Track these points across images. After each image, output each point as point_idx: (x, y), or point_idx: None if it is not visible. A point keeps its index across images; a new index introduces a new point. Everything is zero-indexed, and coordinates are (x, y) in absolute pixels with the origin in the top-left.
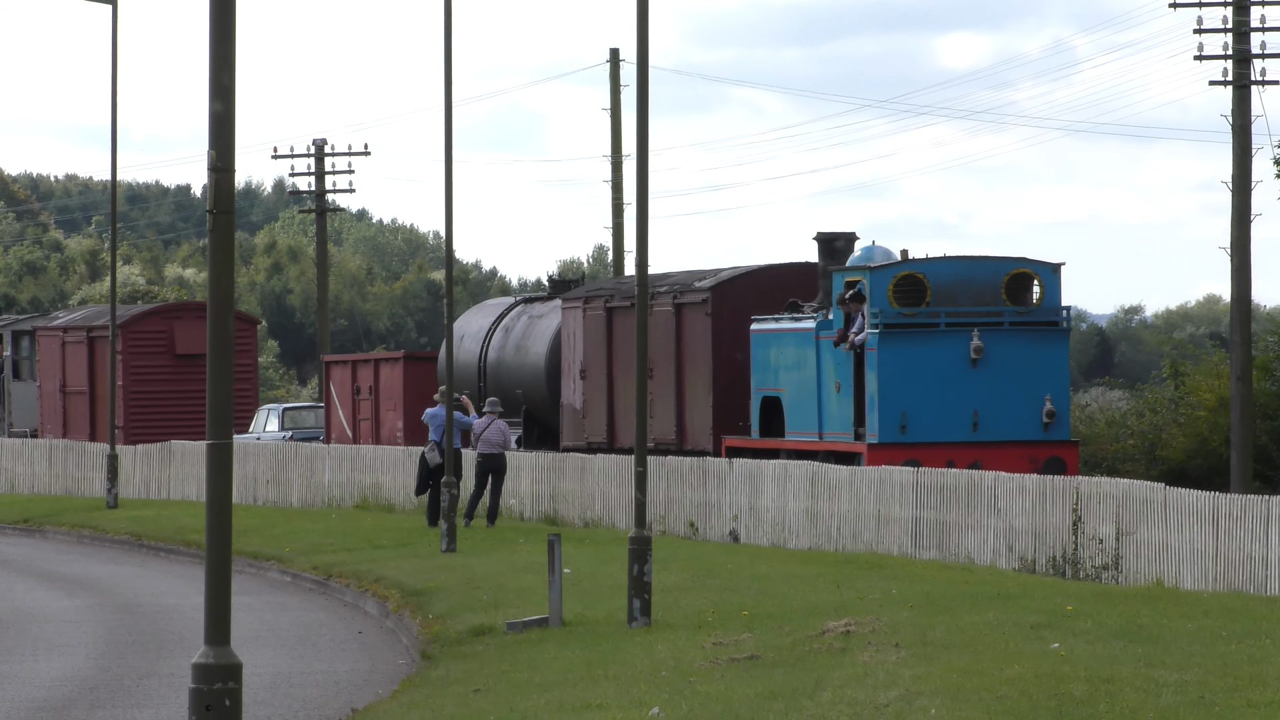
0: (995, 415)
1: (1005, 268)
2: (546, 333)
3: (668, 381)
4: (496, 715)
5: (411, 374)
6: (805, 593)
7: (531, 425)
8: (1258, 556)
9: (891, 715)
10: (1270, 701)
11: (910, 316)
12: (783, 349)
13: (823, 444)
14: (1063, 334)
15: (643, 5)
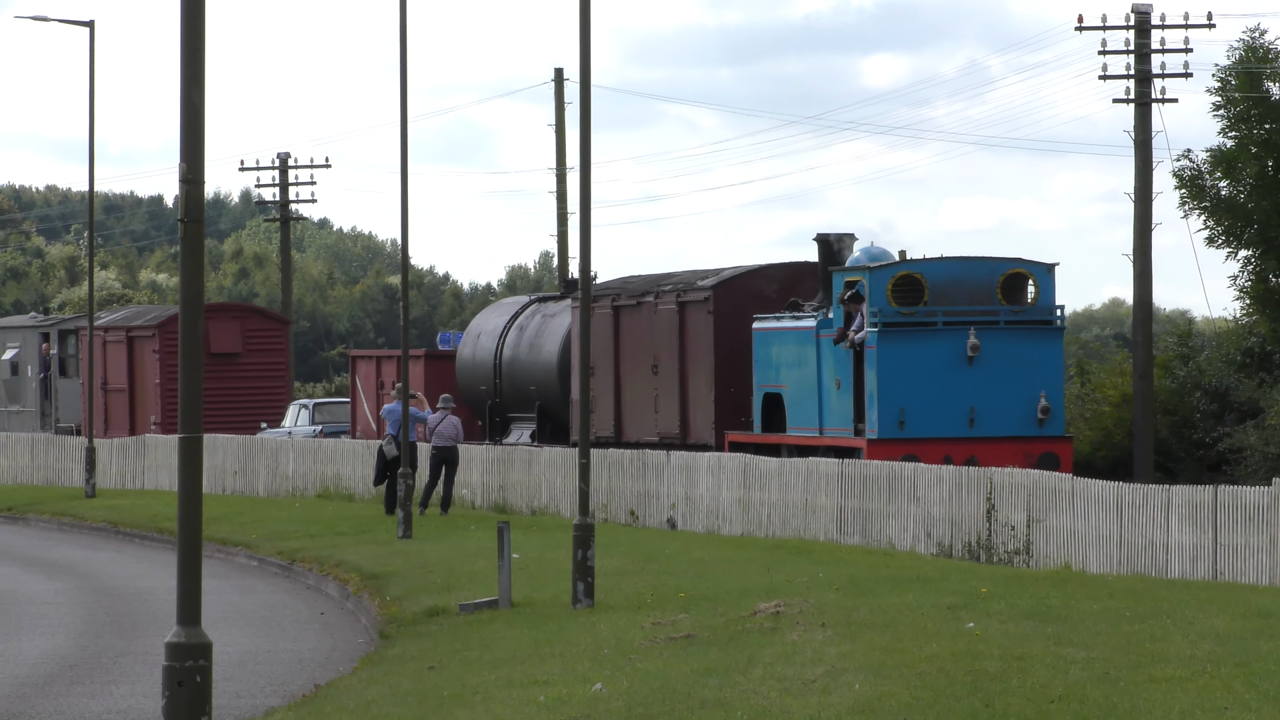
0: (991, 412)
1: (1001, 268)
2: (558, 331)
3: (672, 378)
4: (450, 691)
5: (432, 370)
6: (738, 576)
7: (545, 420)
8: (1159, 542)
9: (818, 690)
10: (1171, 677)
11: (908, 315)
12: (784, 347)
13: (823, 439)
14: (1057, 332)
15: (585, 28)
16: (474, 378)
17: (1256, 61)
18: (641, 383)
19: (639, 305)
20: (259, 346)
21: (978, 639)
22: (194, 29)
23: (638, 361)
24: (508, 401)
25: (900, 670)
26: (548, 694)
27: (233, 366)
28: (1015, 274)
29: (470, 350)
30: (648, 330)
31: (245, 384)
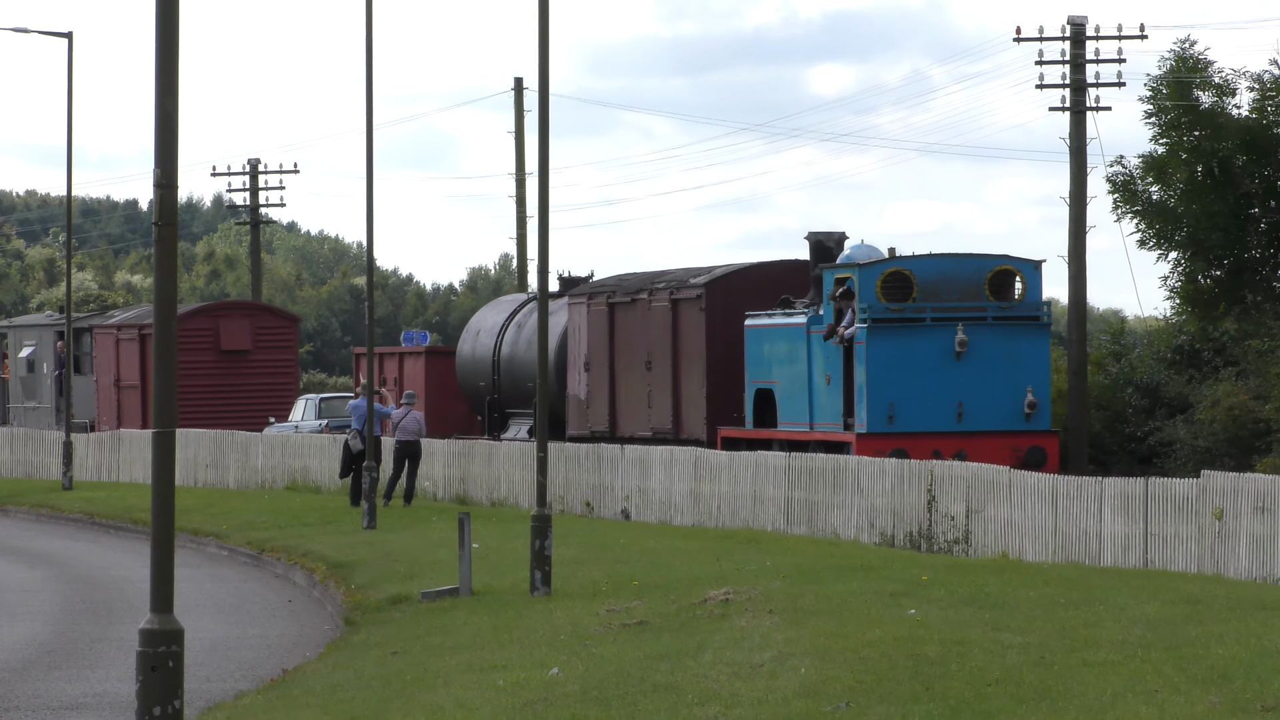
0: (979, 406)
1: (988, 265)
2: (555, 328)
3: (665, 374)
4: (412, 675)
5: (432, 367)
6: (689, 565)
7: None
8: (1092, 531)
9: (766, 674)
10: (1103, 661)
11: (897, 311)
12: (775, 343)
13: (813, 434)
14: (1043, 328)
15: (544, 39)
16: (473, 374)
17: (1187, 71)
18: (636, 379)
19: (633, 302)
20: (269, 343)
21: (919, 625)
22: (168, 40)
23: (632, 358)
24: (506, 397)
25: (844, 655)
26: (506, 678)
27: (243, 363)
28: (1002, 271)
29: (470, 347)
30: (642, 327)
31: (255, 380)
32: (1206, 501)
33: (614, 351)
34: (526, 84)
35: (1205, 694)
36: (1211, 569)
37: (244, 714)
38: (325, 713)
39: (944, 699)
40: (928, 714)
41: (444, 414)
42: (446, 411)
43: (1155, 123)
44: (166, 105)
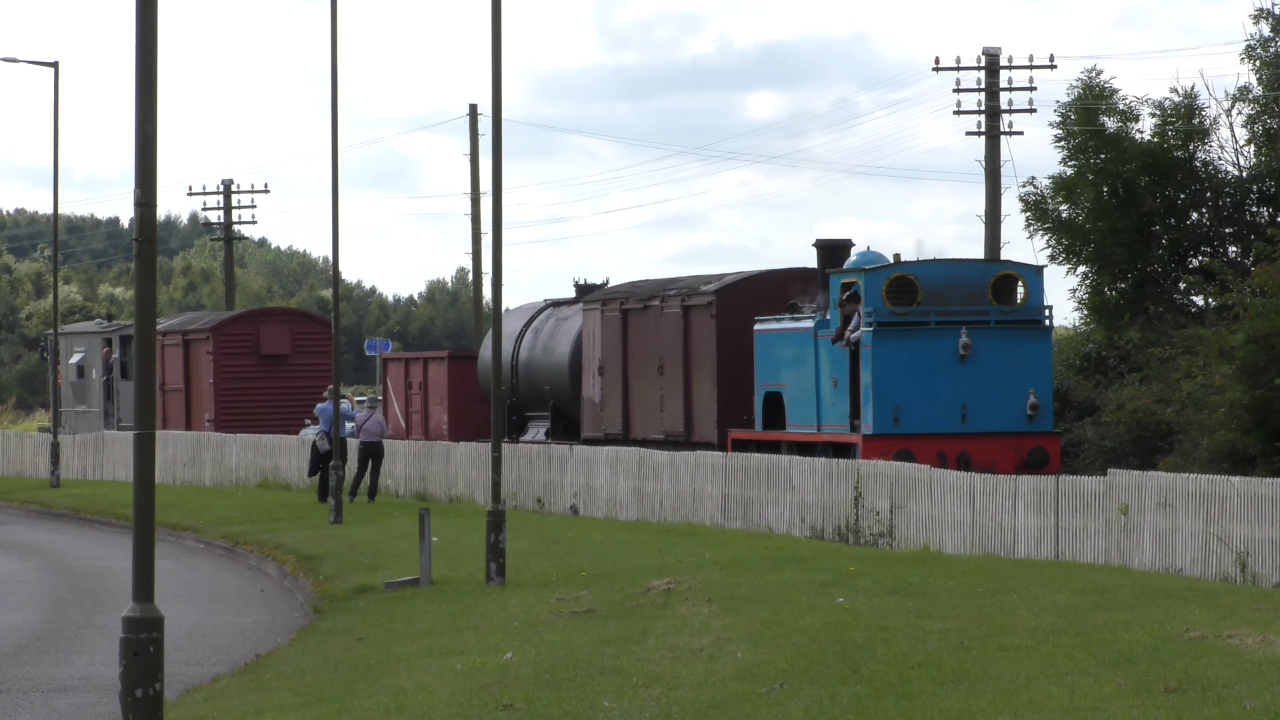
0: (982, 408)
1: (991, 270)
2: (570, 333)
3: (677, 378)
4: (376, 660)
5: (455, 371)
6: (633, 557)
7: (558, 418)
8: (1007, 526)
9: (705, 658)
10: (1018, 646)
11: (902, 315)
12: (784, 347)
13: (821, 436)
14: (1045, 331)
15: (497, 68)
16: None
17: (1093, 98)
18: (648, 383)
19: (646, 309)
20: (306, 348)
21: (846, 612)
22: (147, 70)
23: (645, 362)
24: (524, 400)
25: (778, 640)
26: (464, 662)
27: (282, 367)
28: (1005, 275)
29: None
30: (654, 333)
31: (293, 383)
32: (1113, 498)
33: (627, 356)
34: (481, 110)
35: (1112, 676)
36: (1117, 560)
37: (220, 696)
38: (295, 694)
39: (870, 681)
40: (855, 695)
41: (466, 417)
42: (469, 414)
43: (1064, 146)
44: (146, 130)
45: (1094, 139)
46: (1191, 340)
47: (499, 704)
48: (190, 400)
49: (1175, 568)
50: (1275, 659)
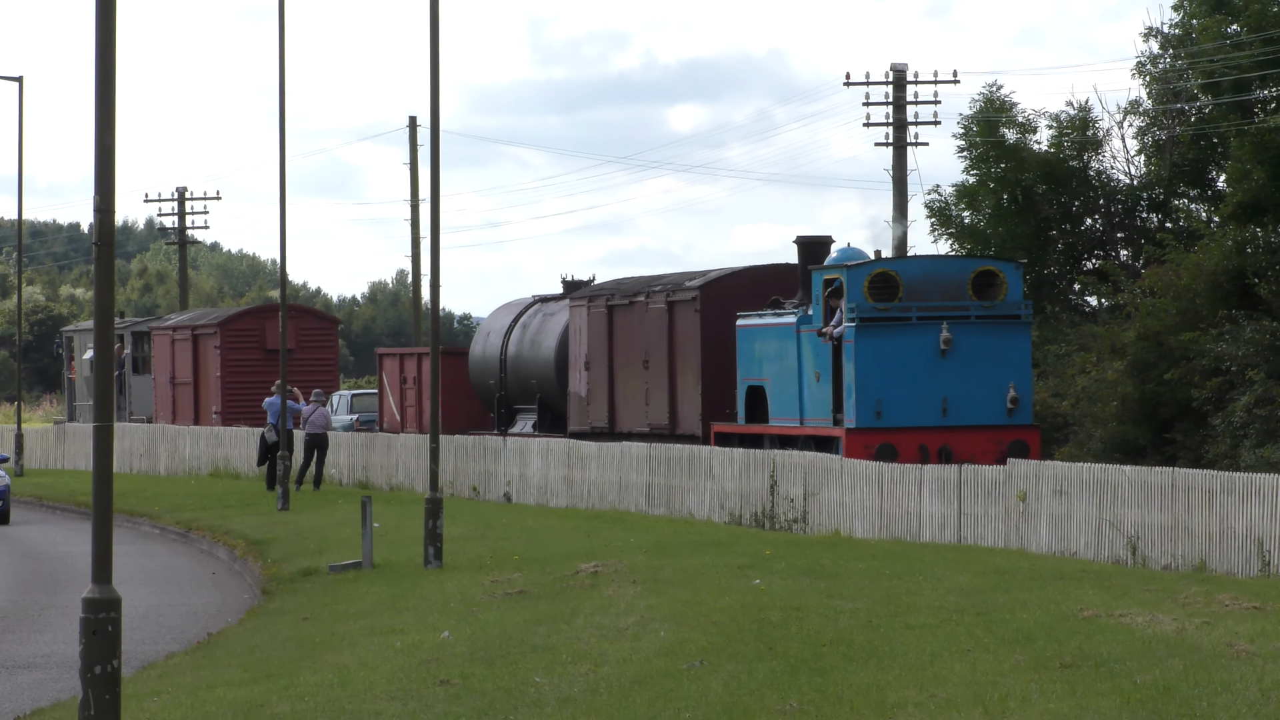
0: (963, 402)
1: (971, 266)
2: (557, 329)
3: (661, 373)
4: (321, 638)
5: (447, 366)
6: (563, 541)
7: (545, 411)
8: (913, 512)
9: (630, 637)
10: (923, 625)
11: (884, 311)
12: (766, 342)
13: (803, 429)
14: (1024, 326)
15: (434, 82)
16: (484, 372)
17: (994, 111)
18: (634, 377)
19: (631, 305)
20: (310, 343)
21: (763, 593)
22: (106, 84)
23: (630, 357)
24: (512, 394)
25: (698, 619)
26: (404, 640)
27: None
28: (985, 271)
29: (480, 347)
30: (639, 328)
31: (298, 378)
32: (1012, 486)
33: (613, 351)
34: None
35: (1011, 653)
36: (1016, 544)
37: (174, 672)
38: (245, 670)
39: (785, 658)
40: (771, 671)
41: (458, 411)
42: (460, 408)
43: (967, 156)
44: (105, 140)
45: (995, 149)
46: (1086, 338)
47: (436, 679)
48: (199, 393)
49: (1070, 551)
50: (1163, 636)
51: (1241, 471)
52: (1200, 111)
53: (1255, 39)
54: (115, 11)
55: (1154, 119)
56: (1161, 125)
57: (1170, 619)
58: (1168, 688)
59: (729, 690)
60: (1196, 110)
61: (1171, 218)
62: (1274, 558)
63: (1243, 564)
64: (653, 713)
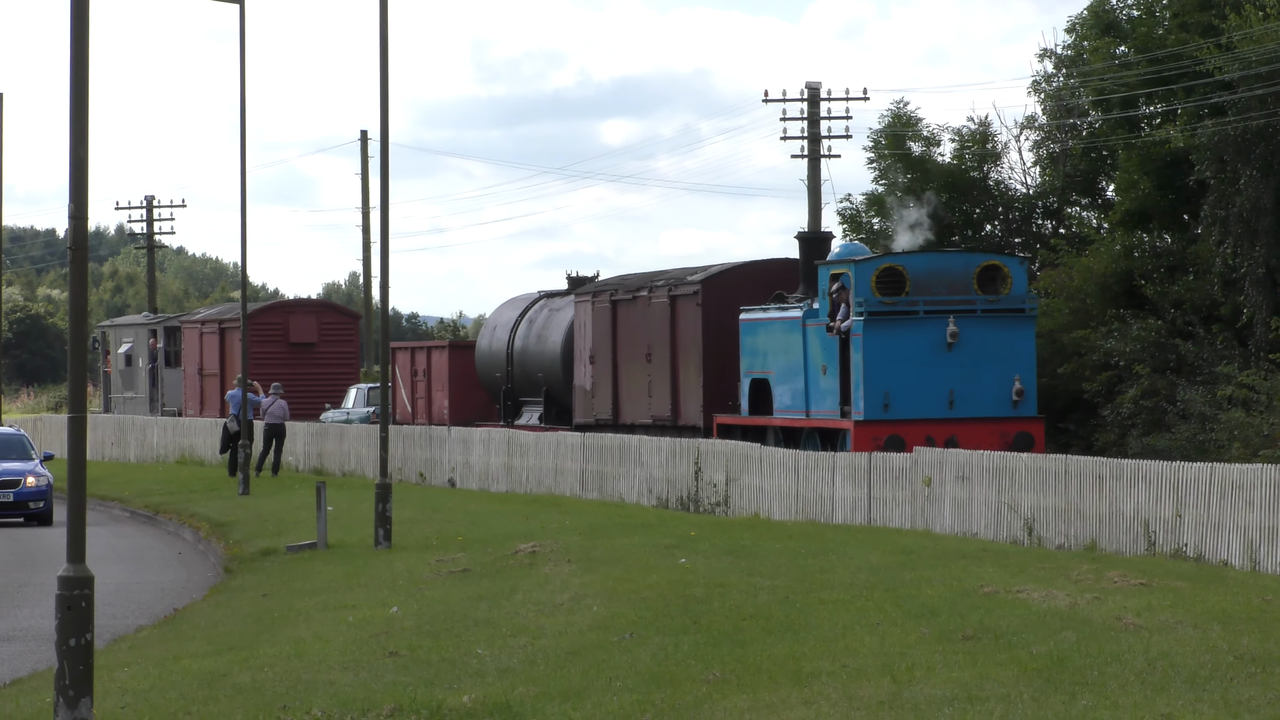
0: (969, 394)
1: (976, 261)
2: (563, 324)
3: (664, 366)
4: (279, 613)
5: (455, 359)
6: (503, 524)
7: (551, 404)
8: (826, 496)
9: (565, 611)
10: (836, 600)
11: (891, 305)
12: (771, 335)
13: (809, 421)
14: (1029, 320)
15: (384, 98)
16: (490, 366)
17: (901, 126)
18: (637, 370)
19: (634, 299)
20: (332, 338)
21: (688, 571)
22: (80, 100)
23: (634, 351)
24: (519, 387)
25: (628, 595)
26: (355, 615)
27: (310, 355)
28: (990, 266)
29: (487, 341)
30: (642, 322)
31: (320, 370)
32: (918, 472)
33: (616, 345)
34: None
35: (917, 626)
36: (922, 526)
37: (143, 645)
38: (209, 643)
39: (708, 630)
40: (695, 643)
41: (465, 403)
42: (468, 400)
43: (876, 167)
44: (79, 152)
45: (901, 161)
46: None
47: (386, 651)
48: (224, 385)
49: (971, 532)
50: (1057, 611)
51: (1129, 459)
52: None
53: (1142, 59)
54: (89, 34)
55: (1048, 133)
56: (1055, 139)
57: (1064, 595)
58: (1061, 658)
59: (657, 661)
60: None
61: (1065, 224)
62: (1159, 538)
63: (1130, 544)
64: (586, 682)
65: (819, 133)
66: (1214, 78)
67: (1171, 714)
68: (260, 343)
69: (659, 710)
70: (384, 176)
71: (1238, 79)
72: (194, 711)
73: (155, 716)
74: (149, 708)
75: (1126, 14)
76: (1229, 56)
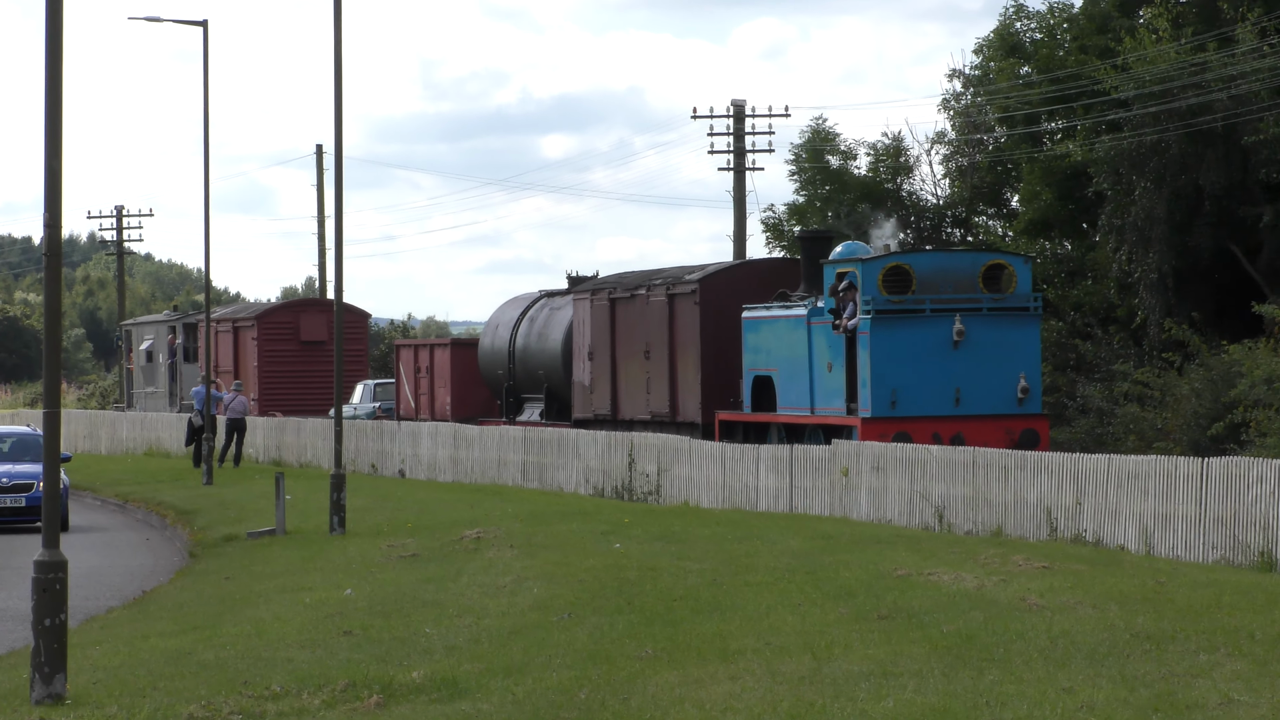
0: (975, 392)
1: (981, 259)
2: (563, 322)
3: (662, 363)
4: (240, 595)
5: (457, 357)
6: (450, 511)
7: (552, 400)
8: (751, 485)
9: (508, 593)
10: (760, 582)
11: (898, 303)
12: (775, 333)
13: (814, 418)
14: (1034, 318)
15: (339, 115)
16: (493, 363)
17: (820, 141)
18: (635, 367)
19: (633, 298)
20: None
21: (622, 555)
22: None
23: (632, 348)
24: (520, 384)
25: (567, 578)
26: (312, 596)
27: (320, 352)
28: (995, 265)
29: (490, 339)
30: (641, 320)
31: (330, 367)
32: (836, 463)
33: (615, 343)
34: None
35: (836, 606)
36: (840, 513)
37: (114, 624)
38: (175, 623)
39: (641, 611)
40: (629, 622)
41: (468, 399)
42: (470, 396)
43: (797, 179)
44: (53, 165)
45: (821, 173)
46: None
47: (340, 630)
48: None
49: (886, 519)
50: (966, 592)
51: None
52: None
53: (1043, 79)
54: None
55: (957, 148)
56: (963, 153)
57: (972, 577)
58: (970, 636)
59: (593, 639)
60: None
61: (972, 232)
62: (1060, 524)
63: (1034, 530)
64: (527, 659)
65: (744, 147)
66: (1110, 96)
67: (1072, 687)
68: (273, 341)
69: (595, 685)
70: (338, 187)
71: (1132, 97)
72: (161, 687)
73: (125, 691)
74: (119, 683)
75: (1030, 37)
76: (1124, 76)
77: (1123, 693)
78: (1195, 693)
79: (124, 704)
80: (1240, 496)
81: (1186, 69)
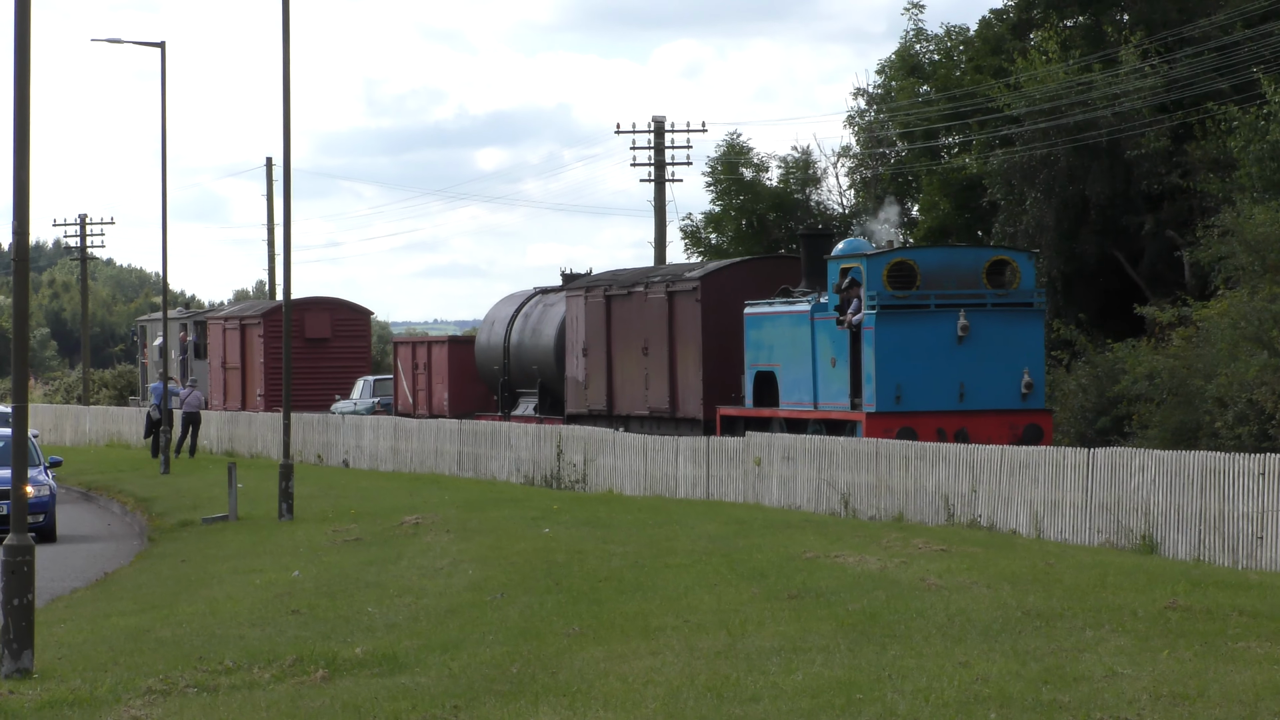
0: (979, 387)
1: (985, 255)
2: (556, 318)
3: (661, 359)
4: (196, 576)
5: (455, 354)
6: (391, 499)
7: (545, 395)
8: (671, 474)
9: (444, 575)
10: (679, 564)
11: (903, 299)
12: (777, 329)
13: (817, 413)
14: (1038, 314)
15: (287, 129)
16: (489, 359)
17: (735, 154)
18: (632, 363)
19: (629, 295)
20: (345, 333)
21: (551, 539)
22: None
23: (629, 344)
24: (515, 379)
25: (499, 561)
26: (262, 578)
27: (323, 349)
28: (999, 260)
29: (486, 336)
30: (638, 316)
31: (333, 364)
32: (750, 453)
33: (610, 339)
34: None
35: (749, 586)
36: (753, 500)
37: (78, 604)
38: (135, 602)
39: (569, 591)
40: (558, 602)
41: (464, 395)
42: (467, 393)
43: (713, 190)
44: (20, 176)
45: (735, 184)
46: None
47: (288, 609)
48: (245, 378)
49: (796, 505)
50: (870, 573)
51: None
52: (898, 155)
53: (941, 97)
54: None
55: (861, 161)
56: (867, 166)
57: (875, 559)
58: (873, 614)
59: (524, 617)
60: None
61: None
62: (957, 510)
63: (933, 515)
64: (463, 636)
65: (664, 160)
66: (1003, 113)
67: (968, 661)
68: (276, 338)
69: (526, 660)
70: (286, 197)
71: (1024, 114)
72: (121, 662)
73: (88, 666)
74: (82, 658)
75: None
76: (1016, 95)
77: (1015, 666)
78: (1082, 666)
79: (87, 677)
80: (1123, 484)
81: (1074, 88)
